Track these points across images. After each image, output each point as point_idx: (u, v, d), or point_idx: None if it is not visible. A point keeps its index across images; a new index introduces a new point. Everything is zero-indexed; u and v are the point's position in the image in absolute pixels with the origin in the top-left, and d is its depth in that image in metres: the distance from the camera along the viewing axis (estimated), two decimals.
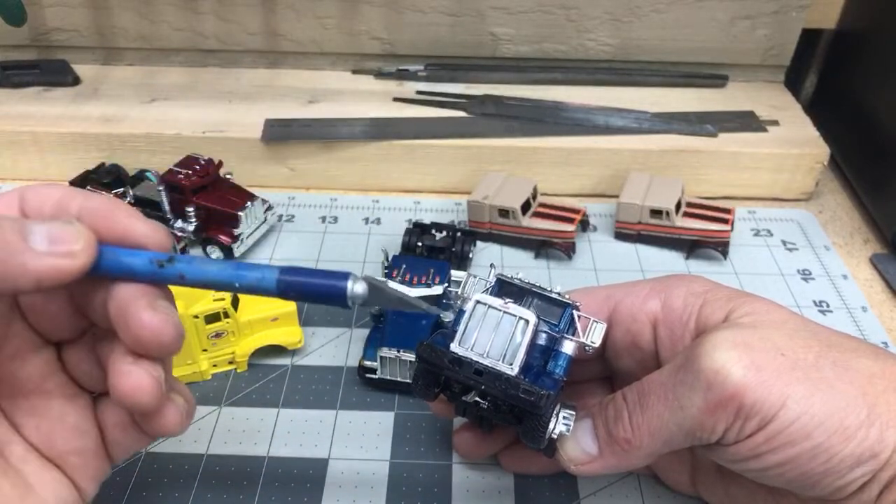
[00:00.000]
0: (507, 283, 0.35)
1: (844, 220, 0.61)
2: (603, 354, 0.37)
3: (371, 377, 0.43)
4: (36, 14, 0.67)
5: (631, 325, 0.35)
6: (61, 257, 0.25)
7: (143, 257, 0.27)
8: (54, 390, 0.30)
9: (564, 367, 0.32)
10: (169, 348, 0.27)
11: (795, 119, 0.64)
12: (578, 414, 0.33)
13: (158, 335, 0.27)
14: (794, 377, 0.27)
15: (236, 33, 0.68)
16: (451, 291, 0.46)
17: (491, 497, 0.38)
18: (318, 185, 0.62)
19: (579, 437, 0.33)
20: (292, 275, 0.27)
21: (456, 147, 0.60)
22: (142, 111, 0.63)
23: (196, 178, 0.53)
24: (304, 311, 0.49)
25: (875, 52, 0.62)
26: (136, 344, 0.27)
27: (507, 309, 0.32)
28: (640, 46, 0.68)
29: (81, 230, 0.26)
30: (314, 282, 0.27)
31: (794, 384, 0.27)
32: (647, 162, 0.60)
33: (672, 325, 0.33)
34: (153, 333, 0.26)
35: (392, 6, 0.66)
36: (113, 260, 0.27)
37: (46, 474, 0.29)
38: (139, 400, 0.27)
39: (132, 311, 0.27)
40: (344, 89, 0.67)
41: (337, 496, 0.38)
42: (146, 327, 0.26)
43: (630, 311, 0.35)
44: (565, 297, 0.34)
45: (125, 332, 0.27)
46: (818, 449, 0.27)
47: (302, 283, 0.27)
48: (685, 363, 0.30)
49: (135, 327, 0.26)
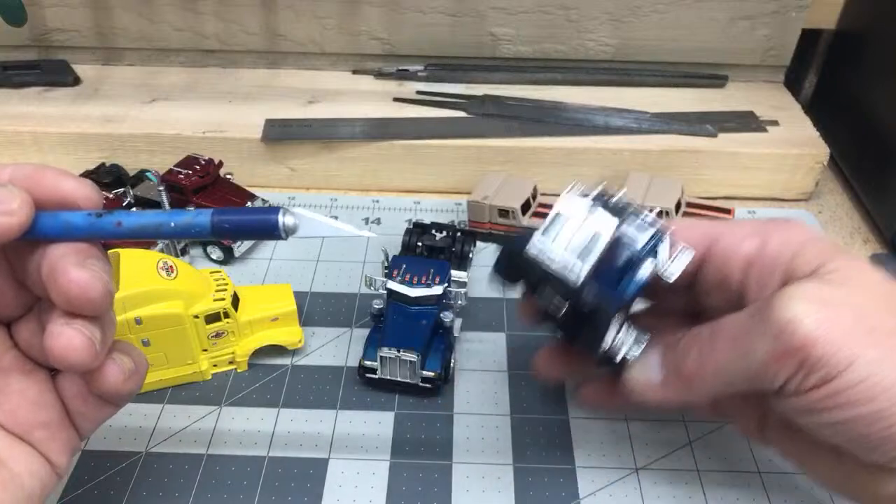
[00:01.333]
0: (604, 197, 0.34)
1: (844, 220, 0.61)
2: (694, 289, 0.36)
3: (371, 377, 0.43)
4: (36, 14, 0.67)
5: (724, 264, 0.34)
6: (1, 216, 0.26)
7: (80, 213, 0.28)
8: (11, 367, 0.30)
9: (634, 290, 0.32)
10: (97, 304, 0.27)
11: (795, 119, 0.64)
12: (652, 342, 0.34)
13: (86, 290, 0.27)
14: (869, 340, 0.27)
15: (236, 33, 0.68)
16: (451, 291, 0.46)
17: (491, 497, 0.38)
18: (318, 185, 0.63)
19: (647, 364, 0.34)
20: (226, 214, 0.28)
21: (456, 147, 0.60)
22: (142, 111, 0.63)
23: (196, 179, 0.53)
24: (305, 311, 0.49)
25: (875, 52, 0.62)
26: (65, 302, 0.27)
27: (588, 219, 0.32)
28: (639, 47, 0.68)
29: (15, 190, 0.27)
30: (247, 218, 0.28)
31: (866, 347, 0.27)
32: (646, 162, 0.60)
33: (763, 270, 0.33)
34: (81, 289, 0.27)
35: (392, 6, 0.66)
36: (50, 218, 0.28)
37: (15, 449, 0.29)
38: (72, 359, 0.27)
39: (61, 268, 0.27)
40: (344, 89, 0.67)
41: (337, 496, 0.38)
42: (73, 282, 0.27)
43: (725, 250, 0.34)
44: (659, 222, 0.33)
45: (55, 291, 0.27)
46: (881, 414, 0.27)
47: (236, 220, 0.28)
48: (761, 309, 0.29)
49: (63, 283, 0.27)
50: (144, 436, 0.41)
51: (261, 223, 0.27)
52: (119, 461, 0.40)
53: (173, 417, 0.42)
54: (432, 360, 0.43)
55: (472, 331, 0.47)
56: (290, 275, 0.53)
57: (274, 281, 0.52)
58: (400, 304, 0.44)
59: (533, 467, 0.40)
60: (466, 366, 0.46)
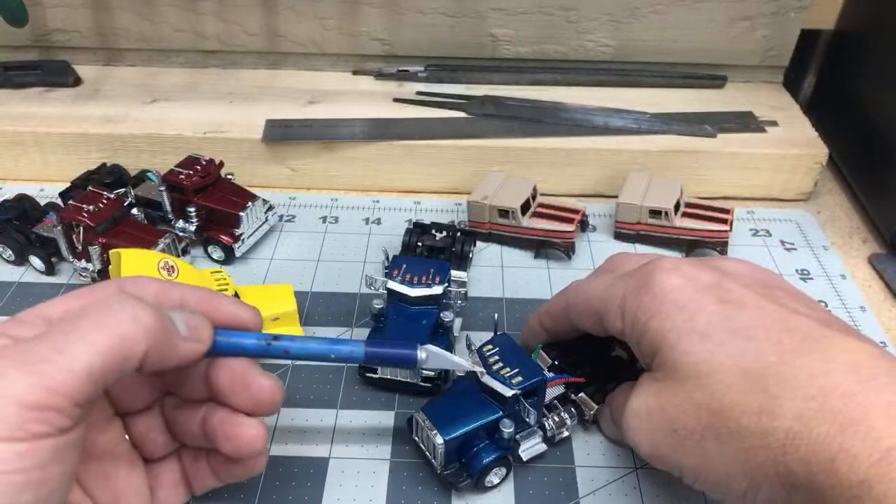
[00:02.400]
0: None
1: (843, 221, 0.61)
2: None
3: (371, 376, 0.43)
4: (37, 15, 0.67)
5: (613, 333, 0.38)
6: (195, 342, 0.31)
7: (252, 337, 0.34)
8: (122, 456, 0.34)
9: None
10: (278, 408, 0.36)
11: (794, 119, 0.64)
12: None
13: (274, 395, 0.33)
14: (685, 452, 0.32)
15: (237, 34, 0.68)
16: (451, 291, 0.46)
17: (491, 496, 0.38)
18: (318, 185, 0.63)
19: (607, 424, 0.41)
20: (375, 346, 0.35)
21: (456, 147, 0.60)
22: (143, 112, 0.63)
23: (197, 179, 0.53)
24: (305, 311, 0.49)
25: (874, 52, 0.62)
26: (252, 405, 0.33)
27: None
28: (639, 47, 0.68)
29: (204, 320, 0.32)
30: (393, 352, 0.36)
31: (683, 458, 0.32)
32: (646, 162, 0.60)
33: (630, 341, 0.36)
34: (269, 394, 0.33)
35: (392, 7, 0.66)
36: (225, 341, 0.33)
37: None
38: (256, 446, 0.33)
39: (250, 377, 0.33)
40: (344, 90, 0.67)
41: (337, 495, 0.38)
42: (265, 389, 0.33)
43: (607, 326, 0.37)
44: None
45: (243, 395, 0.33)
46: (723, 500, 0.32)
47: (384, 353, 0.36)
48: (621, 418, 0.35)
49: (255, 389, 0.33)
50: None
51: (404, 357, 0.36)
52: None
53: None
54: None
55: (472, 331, 0.48)
56: (291, 275, 0.53)
57: (275, 281, 0.52)
58: (400, 303, 0.44)
59: (532, 466, 0.40)
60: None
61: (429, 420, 0.38)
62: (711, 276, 0.34)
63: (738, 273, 0.35)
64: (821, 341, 0.30)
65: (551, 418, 0.40)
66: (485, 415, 0.38)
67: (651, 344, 0.34)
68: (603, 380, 0.41)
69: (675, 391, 0.32)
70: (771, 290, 0.34)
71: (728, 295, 0.33)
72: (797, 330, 0.31)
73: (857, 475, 0.26)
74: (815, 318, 0.32)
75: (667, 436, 0.32)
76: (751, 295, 0.33)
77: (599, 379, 0.41)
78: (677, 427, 0.32)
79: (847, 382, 0.28)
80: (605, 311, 0.37)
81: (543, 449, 0.40)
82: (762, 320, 0.32)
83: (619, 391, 0.39)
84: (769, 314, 0.32)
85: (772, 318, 0.32)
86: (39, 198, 0.57)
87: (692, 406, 0.31)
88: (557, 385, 0.41)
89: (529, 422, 0.39)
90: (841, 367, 0.29)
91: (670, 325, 0.33)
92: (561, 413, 0.40)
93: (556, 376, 0.40)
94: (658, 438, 0.33)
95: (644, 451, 0.34)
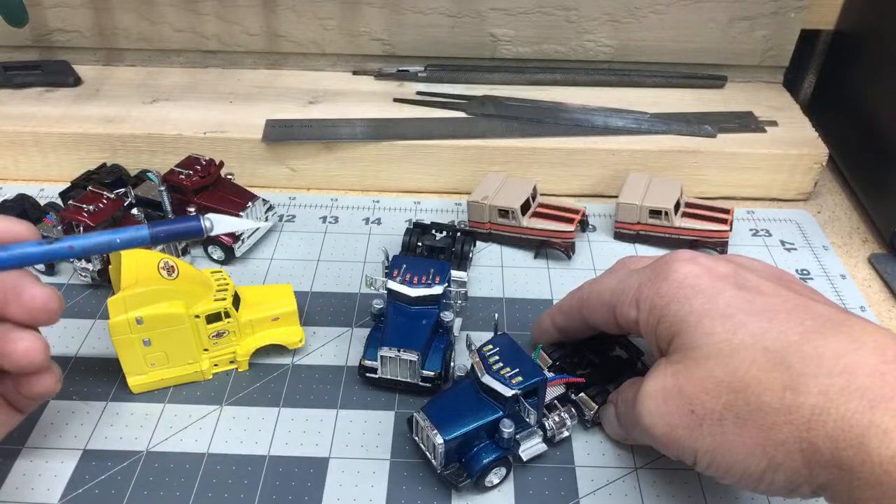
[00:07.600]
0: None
1: (843, 221, 0.61)
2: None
3: (371, 376, 0.43)
4: (38, 15, 0.67)
5: (625, 328, 0.38)
6: None
7: (32, 244, 0.32)
8: None
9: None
10: (56, 315, 0.33)
11: (794, 119, 0.64)
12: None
13: (48, 302, 0.32)
14: (702, 433, 0.32)
15: (237, 34, 0.68)
16: (451, 291, 0.46)
17: (491, 496, 0.39)
18: (318, 185, 0.63)
19: (608, 419, 0.40)
20: (159, 225, 0.34)
21: (456, 147, 0.60)
22: (143, 112, 0.63)
23: (197, 179, 0.53)
24: (305, 310, 0.49)
25: (874, 52, 0.62)
26: (26, 315, 0.32)
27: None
28: (639, 47, 0.68)
29: None
30: (177, 227, 0.34)
31: (700, 440, 0.32)
32: (646, 162, 0.60)
33: (644, 332, 0.36)
34: (43, 302, 0.32)
35: (392, 7, 0.66)
36: (6, 255, 0.31)
37: None
38: (34, 360, 0.32)
39: (22, 286, 0.32)
40: (344, 90, 0.67)
41: (337, 495, 0.38)
42: (37, 297, 0.32)
43: (619, 319, 0.37)
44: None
45: (16, 306, 0.32)
46: (736, 485, 0.32)
47: (168, 229, 0.34)
48: (634, 404, 0.35)
49: (27, 298, 0.32)
50: (145, 435, 0.41)
51: (189, 228, 0.34)
52: (120, 460, 0.40)
53: (174, 417, 0.42)
54: (432, 359, 0.43)
55: (472, 331, 0.48)
56: (291, 275, 0.53)
57: (275, 281, 0.52)
58: (400, 303, 0.44)
59: (532, 466, 0.40)
60: (466, 365, 0.46)
61: (429, 420, 0.38)
62: (728, 267, 0.35)
63: (754, 267, 0.35)
64: (843, 324, 0.30)
65: (551, 418, 0.40)
66: (485, 415, 0.38)
67: (669, 328, 0.34)
68: (603, 380, 0.41)
69: (694, 371, 0.32)
70: (787, 283, 0.34)
71: (746, 283, 0.33)
72: (819, 314, 0.31)
73: (888, 450, 0.26)
74: (833, 307, 0.32)
75: (684, 417, 0.32)
76: (768, 284, 0.33)
77: (599, 379, 0.41)
78: (695, 407, 0.31)
79: (873, 362, 0.28)
80: (618, 303, 0.37)
81: (543, 449, 0.40)
82: (783, 304, 0.32)
83: (628, 384, 0.39)
84: (789, 299, 0.32)
85: (792, 303, 0.32)
86: (39, 198, 0.57)
87: (712, 384, 0.31)
88: (557, 385, 0.41)
89: (529, 422, 0.39)
90: (866, 346, 0.29)
91: (689, 308, 0.33)
92: (561, 413, 0.40)
93: (556, 376, 0.40)
94: (675, 420, 0.32)
95: (659, 433, 0.33)
